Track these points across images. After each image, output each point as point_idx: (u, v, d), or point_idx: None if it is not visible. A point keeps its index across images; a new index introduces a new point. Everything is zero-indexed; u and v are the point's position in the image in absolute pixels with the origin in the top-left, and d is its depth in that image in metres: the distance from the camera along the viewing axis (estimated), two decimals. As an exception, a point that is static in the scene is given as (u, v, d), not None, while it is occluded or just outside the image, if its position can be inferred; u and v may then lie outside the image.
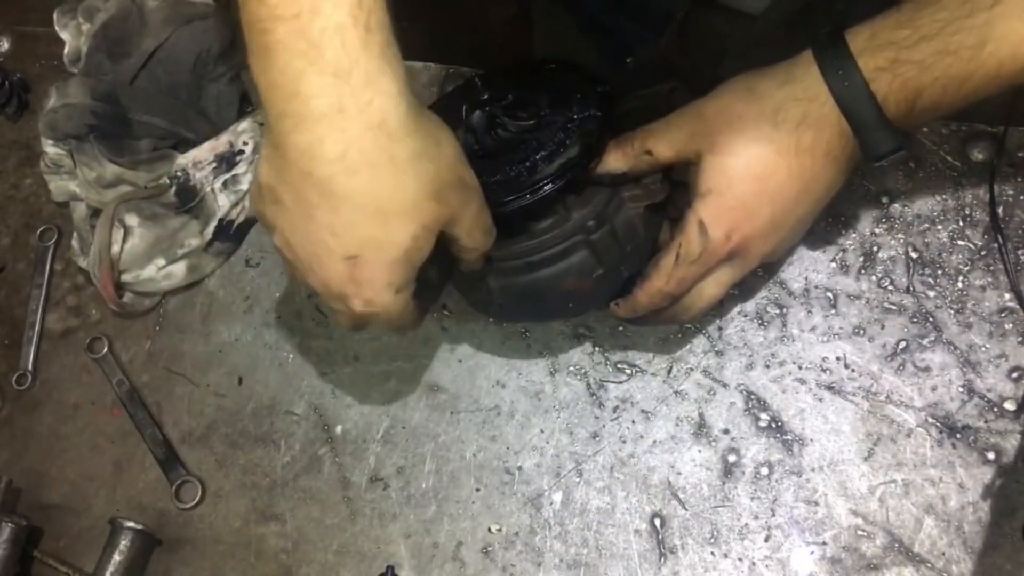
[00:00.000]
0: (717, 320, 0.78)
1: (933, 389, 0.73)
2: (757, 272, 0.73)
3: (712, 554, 0.72)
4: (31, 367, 0.89)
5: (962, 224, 0.77)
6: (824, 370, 0.75)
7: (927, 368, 0.74)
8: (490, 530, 0.76)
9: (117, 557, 0.77)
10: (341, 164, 0.54)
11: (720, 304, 0.74)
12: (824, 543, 0.71)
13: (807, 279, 0.78)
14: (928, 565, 0.70)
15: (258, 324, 0.86)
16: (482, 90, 0.73)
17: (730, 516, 0.73)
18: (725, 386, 0.76)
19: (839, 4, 0.72)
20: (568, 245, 0.67)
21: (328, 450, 0.80)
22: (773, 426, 0.75)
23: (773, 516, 0.72)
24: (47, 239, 0.93)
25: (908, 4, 0.59)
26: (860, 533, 0.71)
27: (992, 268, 0.75)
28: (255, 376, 0.84)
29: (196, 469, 0.82)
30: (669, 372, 0.78)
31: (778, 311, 0.77)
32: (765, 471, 0.74)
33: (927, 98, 0.59)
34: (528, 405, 0.79)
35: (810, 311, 0.77)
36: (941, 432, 0.72)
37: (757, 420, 0.75)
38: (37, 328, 0.90)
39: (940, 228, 0.77)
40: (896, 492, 0.71)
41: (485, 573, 0.75)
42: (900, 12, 0.59)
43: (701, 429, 0.76)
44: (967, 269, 0.76)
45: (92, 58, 0.88)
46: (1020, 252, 0.75)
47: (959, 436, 0.72)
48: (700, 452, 0.75)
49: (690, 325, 0.77)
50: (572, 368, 0.79)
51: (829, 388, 0.75)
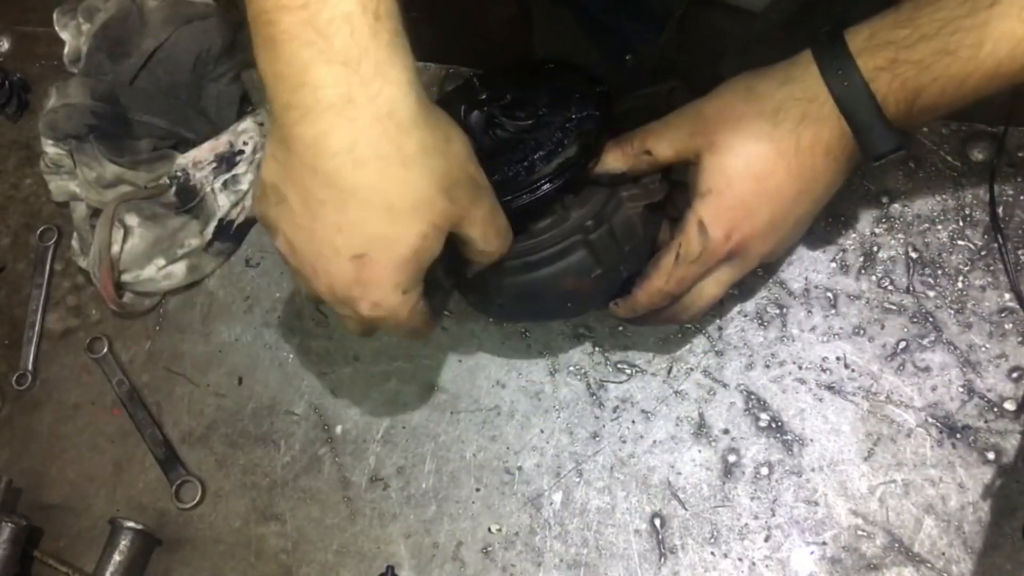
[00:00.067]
0: (717, 320, 0.78)
1: (933, 389, 0.73)
2: (757, 272, 0.73)
3: (712, 554, 0.72)
4: (31, 367, 0.89)
5: (962, 224, 0.77)
6: (824, 370, 0.75)
7: (927, 368, 0.74)
8: (490, 530, 0.76)
9: (117, 557, 0.77)
10: (349, 157, 0.53)
11: (720, 304, 0.74)
12: (824, 543, 0.71)
13: (807, 279, 0.78)
14: (928, 565, 0.70)
15: (258, 324, 0.86)
16: (480, 90, 0.73)
17: (730, 516, 0.73)
18: (725, 386, 0.76)
19: (839, 3, 0.71)
20: (566, 245, 0.67)
21: (328, 450, 0.80)
22: (773, 426, 0.75)
23: (773, 516, 0.72)
24: (47, 239, 0.93)
25: (907, 4, 0.59)
26: (860, 533, 0.71)
27: (992, 268, 0.75)
28: (255, 376, 0.84)
29: (196, 469, 0.82)
30: (669, 372, 0.78)
31: (778, 311, 0.77)
32: (765, 471, 0.74)
33: (926, 98, 0.59)
34: (528, 405, 0.79)
35: (810, 311, 0.77)
36: (941, 432, 0.72)
37: (757, 420, 0.75)
38: (37, 328, 0.89)
39: (940, 228, 0.77)
40: (896, 492, 0.71)
41: (485, 573, 0.75)
42: (899, 12, 0.59)
43: (701, 429, 0.76)
44: (967, 269, 0.76)
45: (92, 58, 0.88)
46: (1020, 252, 0.75)
47: (959, 436, 0.72)
48: (700, 452, 0.75)
49: (690, 325, 0.77)
50: (572, 368, 0.79)
51: (829, 388, 0.75)
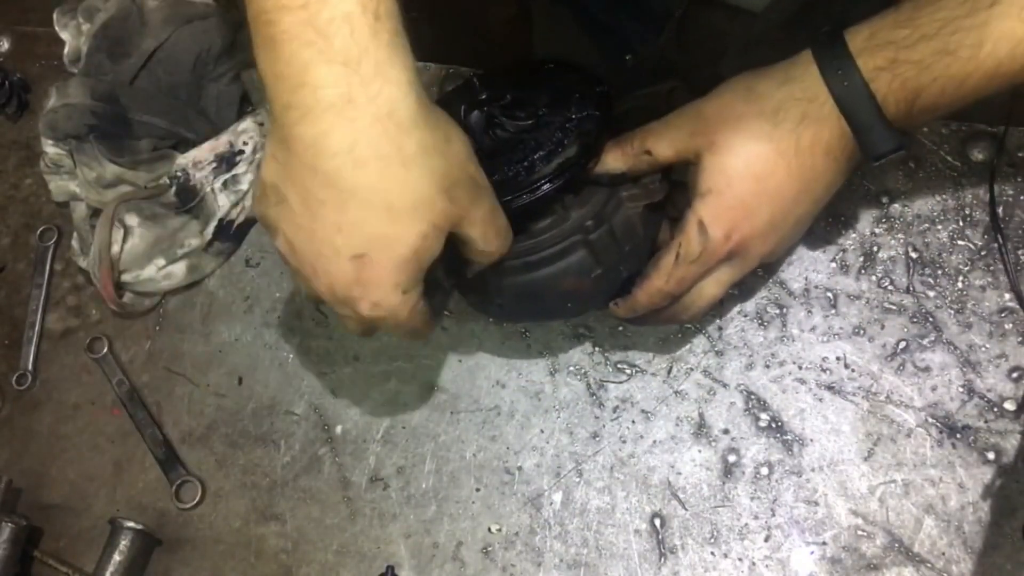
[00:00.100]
0: (717, 320, 0.78)
1: (933, 389, 0.73)
2: (757, 272, 0.73)
3: (712, 554, 0.72)
4: (31, 367, 0.89)
5: (962, 224, 0.77)
6: (824, 370, 0.75)
7: (927, 368, 0.74)
8: (490, 530, 0.76)
9: (117, 557, 0.77)
10: (349, 156, 0.53)
11: (720, 304, 0.74)
12: (824, 543, 0.71)
13: (807, 279, 0.78)
14: (928, 565, 0.70)
15: (258, 324, 0.86)
16: (480, 90, 0.73)
17: (730, 516, 0.73)
18: (725, 386, 0.76)
19: (839, 3, 0.71)
20: (567, 245, 0.67)
21: (328, 450, 0.80)
22: (773, 426, 0.75)
23: (773, 516, 0.72)
24: (47, 239, 0.93)
25: (907, 3, 0.59)
26: (860, 533, 0.71)
27: (992, 268, 0.75)
28: (255, 376, 0.84)
29: (196, 469, 0.82)
30: (669, 372, 0.78)
31: (778, 311, 0.77)
32: (765, 471, 0.74)
33: (926, 98, 0.59)
34: (528, 405, 0.79)
35: (810, 311, 0.77)
36: (941, 432, 0.72)
37: (757, 420, 0.75)
38: (37, 328, 0.89)
39: (940, 228, 0.77)
40: (896, 492, 0.71)
41: (485, 573, 0.75)
42: (899, 12, 0.59)
43: (701, 429, 0.76)
44: (967, 269, 0.76)
45: (92, 58, 0.88)
46: (1020, 252, 0.75)
47: (959, 436, 0.72)
48: (700, 452, 0.75)
49: (690, 325, 0.77)
50: (572, 368, 0.79)
51: (829, 388, 0.75)
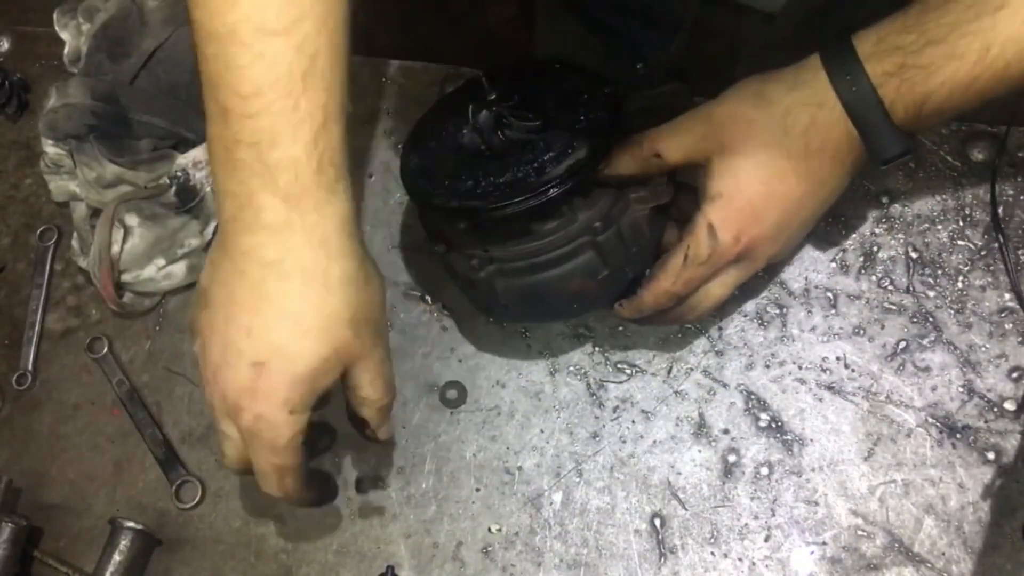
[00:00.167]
0: (717, 320, 0.78)
1: (933, 389, 0.73)
2: (758, 272, 0.73)
3: (712, 554, 0.72)
4: (31, 367, 0.88)
5: (962, 224, 0.77)
6: (824, 370, 0.75)
7: (927, 368, 0.74)
8: (490, 530, 0.76)
9: (117, 557, 0.77)
10: (277, 268, 0.57)
11: (721, 304, 0.74)
12: (824, 543, 0.71)
13: (807, 279, 0.78)
14: (928, 565, 0.70)
15: (258, 324, 0.86)
16: (489, 90, 0.72)
17: (730, 516, 0.73)
18: (725, 386, 0.76)
19: (849, 6, 0.71)
20: (574, 246, 0.67)
21: (328, 450, 0.80)
22: (773, 426, 0.75)
23: (773, 516, 0.72)
24: (47, 239, 0.92)
25: (914, 8, 0.59)
26: (860, 533, 0.71)
27: (992, 268, 0.75)
28: (255, 376, 0.84)
29: (196, 469, 0.82)
30: (669, 372, 0.78)
31: (778, 311, 0.77)
32: (765, 471, 0.74)
33: (934, 101, 0.59)
34: (528, 405, 0.79)
35: (810, 311, 0.77)
36: (941, 432, 0.72)
37: (757, 420, 0.75)
38: (37, 328, 0.89)
39: (940, 228, 0.77)
40: (896, 492, 0.71)
41: (485, 573, 0.75)
42: (906, 16, 0.60)
43: (701, 429, 0.76)
44: (967, 269, 0.76)
45: (92, 58, 0.88)
46: (1020, 252, 0.75)
47: (959, 436, 0.72)
48: (700, 452, 0.75)
49: (690, 325, 0.77)
50: (572, 368, 0.79)
51: (829, 388, 0.75)
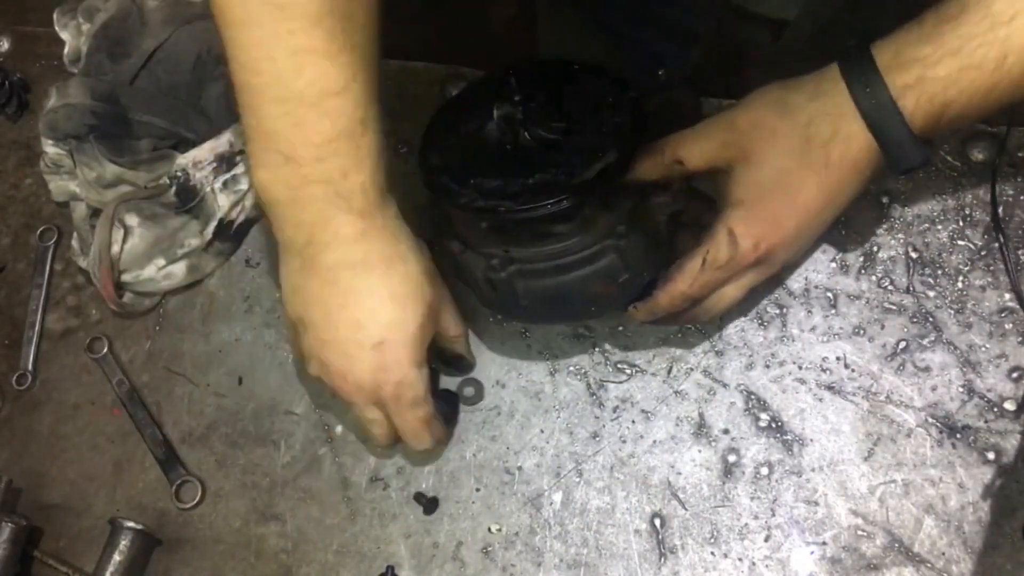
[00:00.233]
0: (717, 320, 0.78)
1: (933, 389, 0.73)
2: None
3: (712, 554, 0.72)
4: (31, 367, 0.89)
5: (962, 224, 0.77)
6: (824, 370, 0.75)
7: (927, 368, 0.74)
8: (490, 530, 0.76)
9: (117, 557, 0.77)
10: (362, 266, 0.66)
11: (734, 306, 0.74)
12: (824, 543, 0.71)
13: (807, 279, 0.78)
14: (928, 565, 0.70)
15: (258, 324, 0.86)
16: (516, 89, 0.71)
17: (730, 516, 0.73)
18: (725, 386, 0.76)
19: (866, 12, 0.71)
20: (597, 249, 0.67)
21: (328, 450, 0.80)
22: (773, 426, 0.75)
23: (773, 516, 0.72)
24: (47, 239, 0.93)
25: (929, 18, 0.60)
26: (860, 533, 0.71)
27: (992, 268, 0.75)
28: (255, 376, 0.84)
29: (196, 469, 0.82)
30: (669, 372, 0.78)
31: (778, 311, 0.77)
32: (765, 471, 0.74)
33: (953, 110, 0.60)
34: (528, 405, 0.79)
35: (810, 311, 0.77)
36: (941, 432, 0.72)
37: (757, 420, 0.75)
38: (37, 328, 0.90)
39: (940, 228, 0.77)
40: (896, 492, 0.71)
41: (485, 573, 0.75)
42: (921, 27, 0.60)
43: (701, 429, 0.76)
44: (967, 269, 0.76)
45: (92, 58, 0.88)
46: (1020, 252, 0.75)
47: (959, 436, 0.72)
48: (700, 452, 0.75)
49: (690, 325, 0.77)
50: (572, 368, 0.79)
51: (829, 388, 0.75)
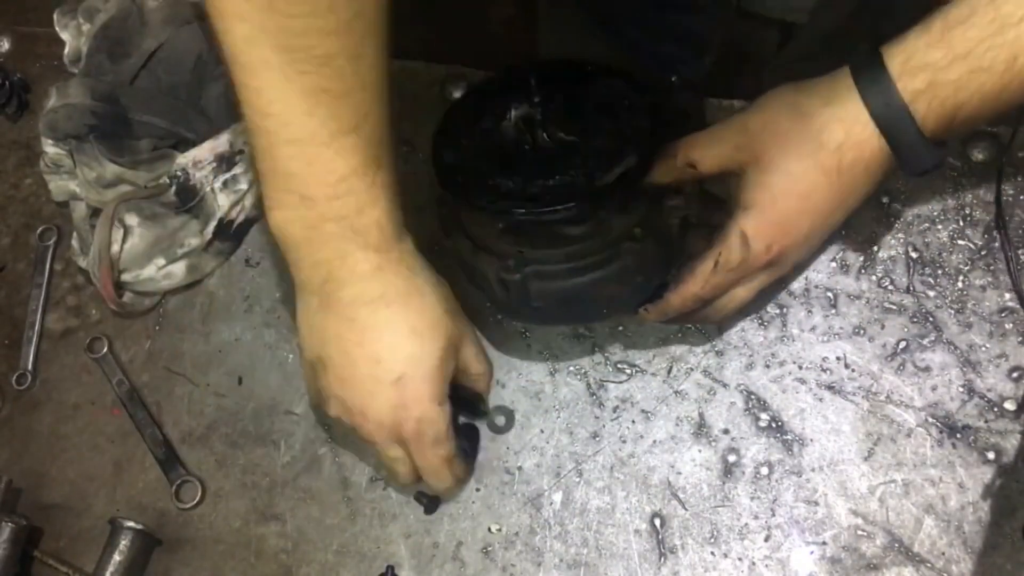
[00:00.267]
0: (727, 320, 0.77)
1: (933, 389, 0.73)
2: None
3: (712, 554, 0.72)
4: (31, 367, 0.89)
5: (962, 224, 0.77)
6: (824, 370, 0.75)
7: (927, 368, 0.74)
8: (490, 530, 0.76)
9: (117, 557, 0.77)
10: (381, 301, 0.65)
11: (745, 307, 0.74)
12: (824, 543, 0.71)
13: (807, 279, 0.78)
14: (928, 565, 0.70)
15: (258, 324, 0.86)
16: (535, 90, 0.70)
17: (730, 516, 0.73)
18: (725, 386, 0.76)
19: (877, 14, 0.72)
20: (612, 252, 0.67)
21: (328, 450, 0.80)
22: (773, 426, 0.75)
23: (773, 516, 0.72)
24: (47, 239, 0.93)
25: (936, 22, 0.60)
26: (860, 533, 0.71)
27: (992, 268, 0.75)
28: (255, 376, 0.84)
29: (196, 469, 0.82)
30: (669, 372, 0.77)
31: (778, 311, 0.77)
32: (765, 471, 0.74)
33: (965, 112, 0.60)
34: (528, 405, 0.79)
35: (810, 311, 0.77)
36: (941, 432, 0.72)
37: (757, 420, 0.75)
38: (37, 328, 0.90)
39: (940, 228, 0.77)
40: (896, 492, 0.71)
41: (485, 573, 0.75)
42: (929, 32, 0.60)
43: (701, 429, 0.76)
44: (967, 269, 0.76)
45: (92, 58, 0.88)
46: (1021, 252, 0.75)
47: (959, 436, 0.72)
48: (700, 452, 0.75)
49: (690, 325, 0.77)
50: (572, 368, 0.79)
51: (829, 388, 0.75)
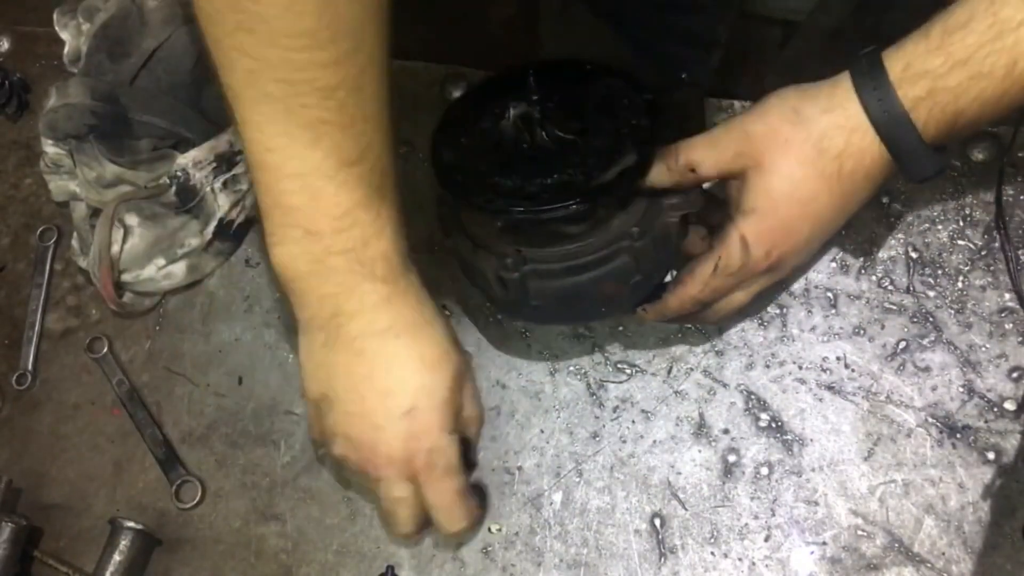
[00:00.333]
0: (724, 321, 0.77)
1: (933, 389, 0.73)
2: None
3: (712, 554, 0.72)
4: (31, 367, 0.88)
5: (962, 224, 0.77)
6: (824, 370, 0.75)
7: (927, 368, 0.74)
8: (490, 530, 0.76)
9: (117, 557, 0.77)
10: (389, 332, 0.65)
11: (743, 309, 0.74)
12: (824, 543, 0.71)
13: (807, 279, 0.78)
14: (928, 565, 0.70)
15: (258, 324, 0.86)
16: (534, 88, 0.70)
17: (730, 516, 0.73)
18: (725, 386, 0.76)
19: (878, 14, 0.72)
20: (610, 251, 0.67)
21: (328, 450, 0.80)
22: (773, 426, 0.75)
23: (773, 516, 0.72)
24: (47, 239, 0.93)
25: (935, 28, 0.59)
26: (860, 533, 0.71)
27: (992, 268, 0.75)
28: (255, 376, 0.84)
29: (196, 469, 0.82)
30: (669, 372, 0.77)
31: (778, 311, 0.77)
32: (765, 471, 0.74)
33: (966, 118, 0.60)
34: (528, 405, 0.79)
35: (810, 311, 0.77)
36: (941, 432, 0.72)
37: (757, 420, 0.75)
38: (37, 328, 0.89)
39: (940, 228, 0.77)
40: (896, 492, 0.71)
41: (485, 573, 0.75)
42: (928, 38, 0.60)
43: (701, 429, 0.76)
44: (967, 269, 0.76)
45: (92, 58, 0.88)
46: (1021, 252, 0.75)
47: (959, 436, 0.72)
48: (700, 452, 0.75)
49: (690, 325, 0.77)
50: (572, 368, 0.79)
51: (829, 388, 0.75)
